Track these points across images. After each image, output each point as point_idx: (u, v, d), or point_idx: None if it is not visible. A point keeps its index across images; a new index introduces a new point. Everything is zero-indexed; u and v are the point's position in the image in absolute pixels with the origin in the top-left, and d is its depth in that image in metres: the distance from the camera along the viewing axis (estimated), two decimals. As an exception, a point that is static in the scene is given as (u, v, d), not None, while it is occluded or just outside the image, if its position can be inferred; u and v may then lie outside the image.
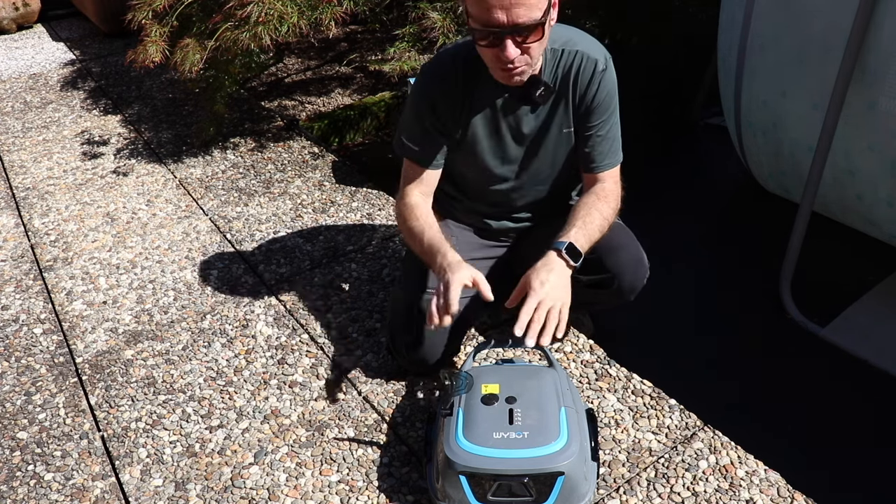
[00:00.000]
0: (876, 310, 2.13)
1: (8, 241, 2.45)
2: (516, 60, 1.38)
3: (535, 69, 1.47)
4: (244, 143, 3.04)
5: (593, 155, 1.59)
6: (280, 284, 2.11)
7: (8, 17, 4.86)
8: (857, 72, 1.92)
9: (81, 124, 3.35)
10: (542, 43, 1.39)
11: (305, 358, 1.82)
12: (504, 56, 1.36)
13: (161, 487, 1.49)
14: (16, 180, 2.86)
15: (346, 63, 3.94)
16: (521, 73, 1.42)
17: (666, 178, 2.93)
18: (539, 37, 1.36)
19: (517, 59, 1.38)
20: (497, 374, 1.46)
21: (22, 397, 1.76)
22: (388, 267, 2.15)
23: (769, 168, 2.54)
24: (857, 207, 2.22)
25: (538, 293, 1.36)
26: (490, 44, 1.37)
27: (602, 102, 1.55)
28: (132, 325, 1.99)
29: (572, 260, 1.43)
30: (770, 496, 1.39)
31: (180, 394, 1.73)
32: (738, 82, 2.41)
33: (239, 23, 2.40)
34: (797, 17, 2.11)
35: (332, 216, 2.45)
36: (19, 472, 1.55)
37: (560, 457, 1.28)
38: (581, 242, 1.46)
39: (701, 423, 1.56)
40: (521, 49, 1.36)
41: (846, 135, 2.04)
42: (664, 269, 1.84)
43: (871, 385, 1.88)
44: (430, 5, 2.61)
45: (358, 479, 1.47)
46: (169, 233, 2.42)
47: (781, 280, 2.15)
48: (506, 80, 1.45)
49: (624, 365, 1.73)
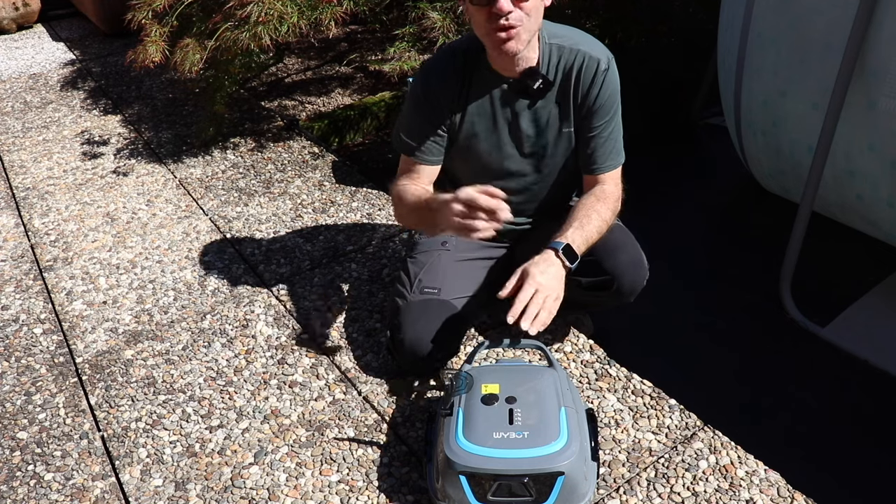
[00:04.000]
0: (876, 310, 2.13)
1: (8, 241, 2.45)
2: (511, 18, 1.36)
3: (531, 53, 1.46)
4: (244, 143, 3.04)
5: (595, 156, 1.58)
6: (280, 284, 2.11)
7: (8, 17, 4.86)
8: (857, 72, 1.92)
9: (81, 124, 3.35)
10: (535, 4, 1.38)
11: (305, 358, 1.82)
12: (497, 8, 1.35)
13: (161, 487, 1.49)
14: (16, 180, 2.86)
15: (346, 63, 3.94)
16: (516, 36, 1.40)
17: (666, 178, 2.93)
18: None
19: (512, 17, 1.36)
20: (497, 374, 1.46)
21: (22, 397, 1.76)
22: (388, 267, 2.15)
23: (769, 168, 2.54)
24: (857, 207, 2.22)
25: (535, 280, 1.37)
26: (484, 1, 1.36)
27: (605, 103, 1.54)
28: (132, 325, 1.99)
29: (568, 261, 1.43)
30: (770, 496, 1.39)
31: (180, 394, 1.73)
32: (738, 82, 2.41)
33: (239, 23, 2.40)
34: (797, 17, 2.11)
35: (332, 216, 2.45)
36: (19, 472, 1.55)
37: (560, 457, 1.28)
38: (578, 244, 1.46)
39: (701, 423, 1.56)
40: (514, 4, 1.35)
41: (846, 135, 2.04)
42: (664, 269, 1.84)
43: (871, 385, 1.88)
44: (430, 5, 2.61)
45: (358, 479, 1.47)
46: (169, 233, 2.42)
47: (781, 280, 2.15)
48: (500, 44, 1.42)
49: (624, 365, 1.73)
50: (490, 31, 1.41)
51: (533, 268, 1.40)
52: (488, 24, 1.39)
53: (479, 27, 1.43)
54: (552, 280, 1.39)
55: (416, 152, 1.62)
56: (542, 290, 1.36)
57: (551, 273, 1.40)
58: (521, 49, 1.43)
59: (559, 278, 1.42)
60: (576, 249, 1.45)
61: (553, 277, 1.40)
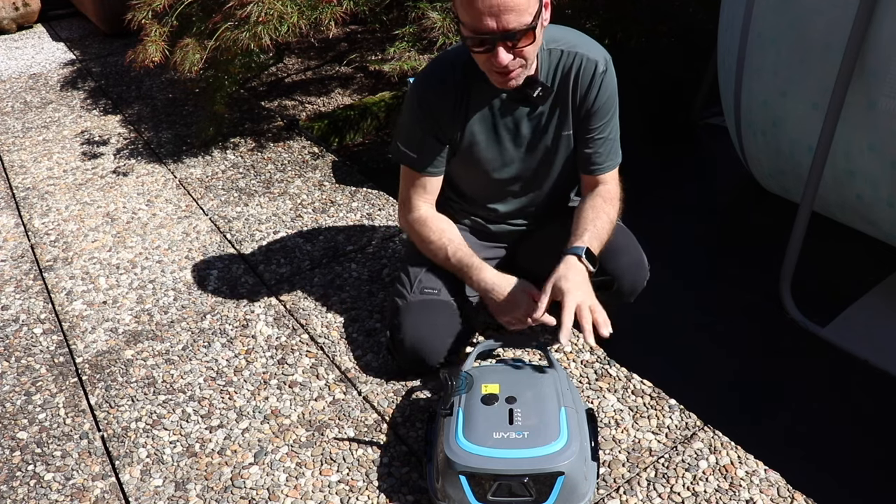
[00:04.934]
0: (876, 310, 2.13)
1: (8, 241, 2.45)
2: (510, 65, 1.38)
3: (530, 70, 1.47)
4: (244, 143, 3.04)
5: (595, 157, 1.59)
6: (280, 284, 2.11)
7: (8, 17, 4.86)
8: (857, 72, 1.91)
9: (81, 124, 3.35)
10: (535, 46, 1.39)
11: (305, 358, 1.82)
12: (496, 62, 1.36)
13: (161, 487, 1.49)
14: (16, 180, 2.86)
15: (346, 63, 3.94)
16: (516, 77, 1.42)
17: (666, 178, 2.93)
18: (531, 41, 1.36)
19: (510, 64, 1.38)
20: (497, 374, 1.47)
21: (22, 397, 1.76)
22: (388, 267, 2.15)
23: (769, 168, 2.54)
24: (857, 207, 2.22)
25: (574, 295, 1.38)
26: (483, 50, 1.37)
27: (603, 105, 1.55)
28: (132, 325, 1.99)
29: (591, 265, 1.45)
30: (770, 496, 1.39)
31: (180, 394, 1.73)
32: (738, 82, 2.41)
33: (239, 23, 2.40)
34: (797, 17, 2.11)
35: (332, 216, 2.45)
36: (19, 472, 1.55)
37: (560, 457, 1.28)
38: (595, 246, 1.49)
39: (701, 423, 1.56)
40: (513, 54, 1.36)
41: (846, 135, 2.04)
42: (664, 269, 1.84)
43: (871, 385, 1.88)
44: (430, 5, 2.61)
45: (358, 479, 1.47)
46: (169, 233, 2.42)
47: (781, 280, 2.15)
48: (502, 85, 1.45)
49: (624, 365, 1.73)
50: (491, 72, 1.42)
51: (563, 283, 1.41)
52: (489, 67, 1.41)
53: (479, 63, 1.44)
54: (583, 287, 1.41)
55: (419, 165, 1.61)
56: (583, 303, 1.38)
57: (580, 281, 1.42)
58: (521, 81, 1.45)
59: (587, 283, 1.44)
60: (595, 252, 1.47)
61: (583, 284, 1.42)
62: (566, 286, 1.39)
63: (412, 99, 1.59)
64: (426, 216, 1.64)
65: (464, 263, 1.58)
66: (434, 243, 1.61)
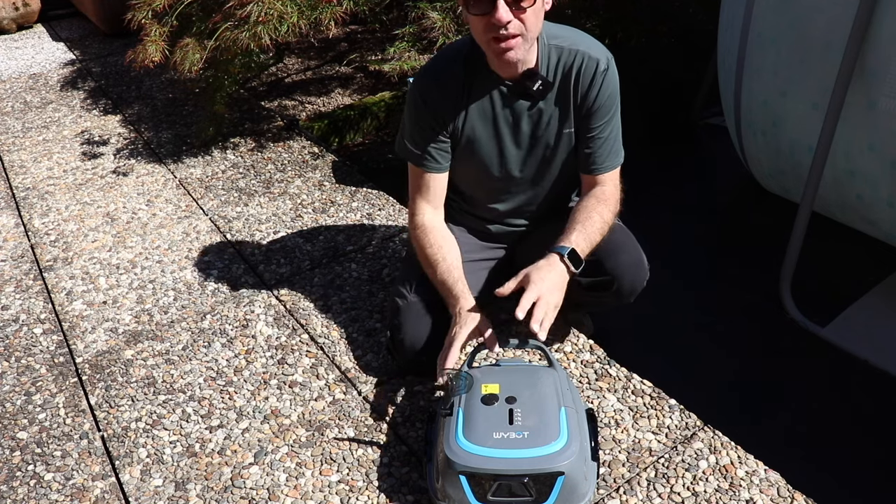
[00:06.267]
0: (876, 310, 2.13)
1: (8, 241, 2.45)
2: (510, 28, 1.35)
3: (530, 58, 1.46)
4: (244, 143, 3.04)
5: (594, 157, 1.58)
6: (280, 284, 2.11)
7: (8, 17, 4.86)
8: (857, 72, 1.92)
9: (81, 124, 3.35)
10: (535, 11, 1.37)
11: (305, 358, 1.82)
12: (495, 19, 1.34)
13: (161, 487, 1.49)
14: (16, 180, 2.86)
15: (346, 63, 3.94)
16: (516, 47, 1.40)
17: (666, 178, 2.93)
18: (532, 1, 1.35)
19: (511, 27, 1.35)
20: (497, 374, 1.46)
21: (22, 397, 1.76)
22: (388, 267, 2.15)
23: (769, 168, 2.54)
24: (857, 207, 2.22)
25: (538, 287, 1.38)
26: (482, 10, 1.35)
27: (604, 104, 1.54)
28: (132, 325, 1.99)
29: (573, 266, 1.44)
30: (770, 496, 1.39)
31: (180, 394, 1.73)
32: (738, 82, 2.41)
33: (239, 23, 2.40)
34: (797, 17, 2.11)
35: (332, 216, 2.45)
36: (19, 472, 1.55)
37: (560, 457, 1.28)
38: (582, 247, 1.47)
39: (701, 423, 1.56)
40: (513, 16, 1.35)
41: (846, 135, 2.04)
42: (664, 269, 1.84)
43: (871, 385, 1.88)
44: (430, 5, 2.61)
45: (358, 479, 1.47)
46: (169, 233, 2.42)
47: (781, 280, 2.15)
48: (501, 57, 1.42)
49: (624, 365, 1.73)
50: (489, 41, 1.40)
51: (535, 273, 1.40)
52: (487, 34, 1.39)
53: (478, 35, 1.43)
54: (553, 288, 1.40)
55: (424, 161, 1.61)
56: (542, 300, 1.37)
57: (552, 280, 1.40)
58: (521, 56, 1.43)
59: (560, 286, 1.43)
60: (580, 253, 1.46)
61: (553, 285, 1.41)
62: (534, 277, 1.39)
63: (414, 94, 1.59)
64: (430, 226, 1.63)
65: (447, 287, 1.57)
66: (429, 257, 1.61)
